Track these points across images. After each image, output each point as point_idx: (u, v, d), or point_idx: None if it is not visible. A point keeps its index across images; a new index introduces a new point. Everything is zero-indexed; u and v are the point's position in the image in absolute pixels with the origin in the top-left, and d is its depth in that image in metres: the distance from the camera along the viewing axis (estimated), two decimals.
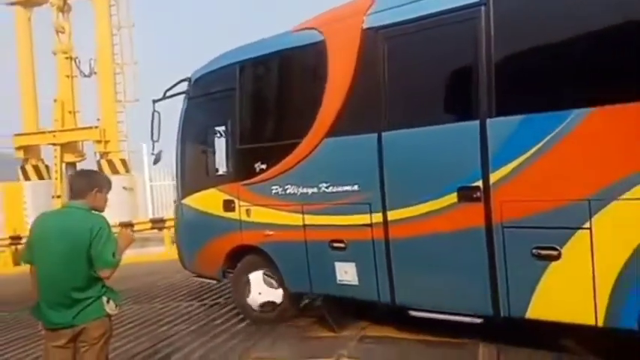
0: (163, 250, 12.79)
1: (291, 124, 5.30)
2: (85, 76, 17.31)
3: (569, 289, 3.69)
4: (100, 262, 2.98)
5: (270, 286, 5.43)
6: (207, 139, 6.10)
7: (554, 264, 3.70)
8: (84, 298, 3.03)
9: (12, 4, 16.94)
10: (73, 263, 2.97)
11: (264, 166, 5.27)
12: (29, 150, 16.84)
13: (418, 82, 4.46)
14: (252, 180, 5.34)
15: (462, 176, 4.05)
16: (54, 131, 16.19)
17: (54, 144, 16.19)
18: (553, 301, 3.78)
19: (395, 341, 4.73)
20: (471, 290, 4.09)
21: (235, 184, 5.52)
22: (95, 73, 17.29)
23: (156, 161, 6.48)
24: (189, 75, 6.13)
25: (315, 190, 4.88)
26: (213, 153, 6.07)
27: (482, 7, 3.93)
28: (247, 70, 5.64)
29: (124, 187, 15.43)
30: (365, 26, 4.57)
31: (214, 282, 6.37)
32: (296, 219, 5.03)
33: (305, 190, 4.98)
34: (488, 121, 3.94)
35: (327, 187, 4.81)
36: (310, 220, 4.95)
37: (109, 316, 3.16)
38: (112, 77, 17.23)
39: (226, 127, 5.80)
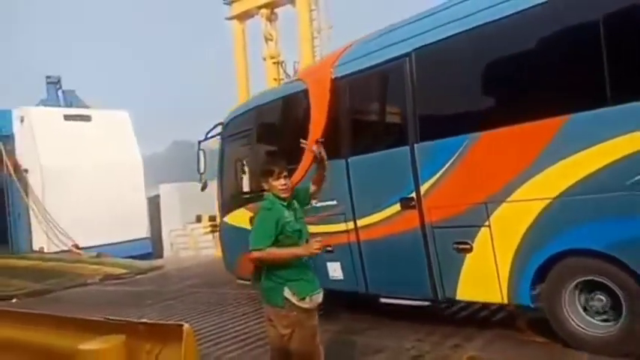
0: None
1: (290, 153, 6.16)
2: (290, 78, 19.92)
3: (481, 275, 4.73)
4: None
5: None
6: (237, 170, 7.65)
7: (469, 255, 4.77)
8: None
9: (230, 18, 19.78)
10: None
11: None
12: None
13: (367, 117, 6.00)
14: None
15: (402, 189, 5.24)
16: None
17: None
18: (472, 285, 4.85)
19: None
20: (416, 279, 5.20)
21: (255, 203, 6.80)
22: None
23: (203, 189, 8.22)
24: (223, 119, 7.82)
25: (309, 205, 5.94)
26: (241, 179, 7.62)
27: (407, 59, 5.20)
28: (259, 114, 7.21)
29: None
30: (331, 77, 6.02)
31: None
32: None
33: None
34: (415, 145, 5.15)
35: (316, 203, 5.50)
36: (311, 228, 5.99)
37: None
38: None
39: (248, 159, 7.39)
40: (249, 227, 6.64)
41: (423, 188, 5.07)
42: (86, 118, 23.24)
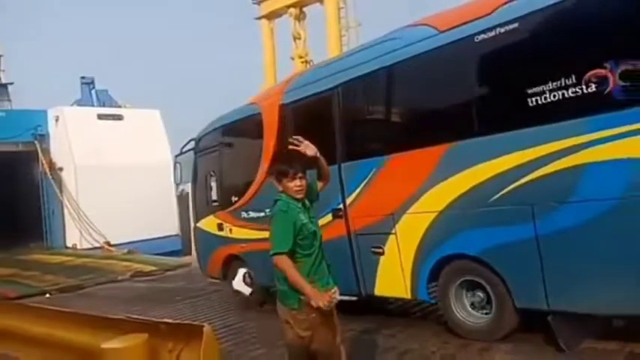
0: None
1: (248, 169, 7.30)
2: None
3: (392, 275, 5.60)
4: None
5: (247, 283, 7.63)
6: (207, 181, 8.42)
7: (382, 258, 5.67)
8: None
9: (259, 18, 20.07)
10: None
11: (235, 199, 7.58)
12: None
13: (306, 139, 6.00)
14: (230, 209, 7.68)
15: (333, 201, 5.96)
16: None
17: None
18: (385, 283, 5.72)
19: None
20: (345, 278, 5.50)
21: (224, 211, 7.85)
22: None
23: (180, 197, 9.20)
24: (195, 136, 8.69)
25: (262, 214, 6.64)
26: (211, 190, 8.31)
27: (335, 92, 6.09)
28: (223, 132, 8.07)
29: None
30: (280, 103, 6.87)
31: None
32: (254, 235, 7.00)
33: (258, 215, 7.03)
34: (342, 164, 5.93)
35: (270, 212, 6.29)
36: (261, 235, 6.35)
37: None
38: None
39: (215, 172, 8.18)
40: (216, 232, 8.00)
41: (348, 201, 5.92)
42: (118, 117, 23.76)
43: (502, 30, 4.59)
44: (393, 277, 5.56)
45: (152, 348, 2.21)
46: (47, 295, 11.93)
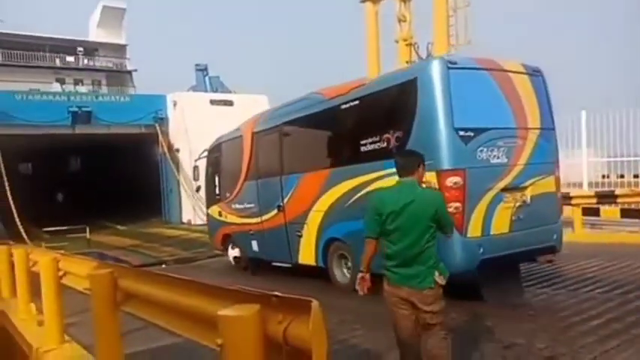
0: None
1: (236, 173, 10.28)
2: (423, 60, 19.36)
3: (306, 250, 8.43)
4: (449, 226, 3.74)
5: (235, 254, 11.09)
6: (213, 180, 11.52)
7: (301, 239, 8.48)
8: (425, 266, 3.50)
9: (363, 1, 19.86)
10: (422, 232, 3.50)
11: (229, 194, 10.68)
12: None
13: (266, 158, 9.46)
14: (226, 201, 10.82)
15: (277, 200, 8.92)
16: None
17: None
18: (303, 255, 8.54)
19: None
20: (282, 252, 8.95)
21: (222, 202, 11.03)
22: (431, 56, 19.16)
23: (197, 190, 14.05)
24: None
25: (243, 206, 10.16)
26: (215, 186, 11.39)
27: (278, 128, 9.02)
28: (222, 147, 11.24)
29: None
30: (252, 131, 9.86)
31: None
32: (240, 220, 10.31)
33: (241, 206, 10.22)
34: (282, 176, 8.83)
35: (247, 204, 10.01)
36: (243, 220, 10.17)
37: (439, 286, 3.53)
38: None
39: (217, 174, 11.35)
40: (218, 217, 11.31)
41: (285, 201, 8.78)
42: (229, 103, 24.97)
43: (350, 104, 7.34)
44: (307, 251, 8.39)
45: (263, 318, 2.33)
46: (164, 265, 13.01)
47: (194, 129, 22.02)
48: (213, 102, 24.84)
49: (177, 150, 24.14)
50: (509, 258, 6.19)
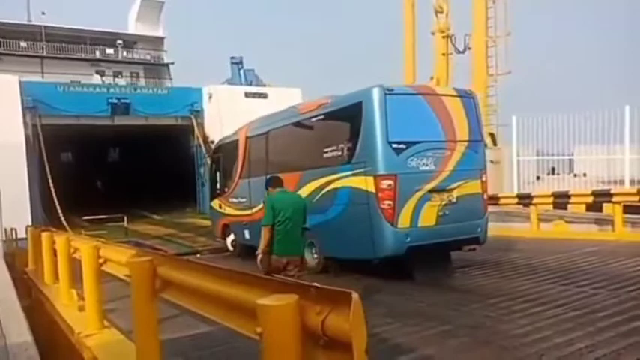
0: (528, 227, 12.50)
1: (233, 171, 11.83)
2: (460, 52, 18.84)
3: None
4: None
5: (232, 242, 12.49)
6: (215, 176, 13.25)
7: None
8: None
9: None
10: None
11: (227, 190, 12.24)
12: None
13: (257, 159, 10.82)
14: (225, 195, 12.38)
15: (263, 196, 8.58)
16: None
17: None
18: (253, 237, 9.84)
19: None
20: (254, 237, 8.88)
21: (222, 197, 12.56)
22: (469, 48, 18.66)
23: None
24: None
25: (238, 200, 11.61)
26: (217, 182, 13.06)
27: (266, 134, 10.44)
28: (223, 147, 12.96)
29: (491, 161, 14.98)
30: (245, 135, 11.37)
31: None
32: (235, 212, 11.79)
33: (236, 200, 11.72)
34: (267, 175, 8.36)
35: (241, 199, 11.47)
36: (238, 212, 11.61)
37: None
38: (484, 51, 18.00)
39: (219, 171, 13.02)
40: (219, 209, 13.03)
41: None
42: (263, 96, 25.11)
43: (314, 118, 8.92)
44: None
45: (302, 308, 2.33)
46: (198, 255, 13.22)
47: (229, 121, 22.22)
48: (247, 94, 25.04)
49: (212, 142, 24.40)
50: (435, 246, 7.47)
